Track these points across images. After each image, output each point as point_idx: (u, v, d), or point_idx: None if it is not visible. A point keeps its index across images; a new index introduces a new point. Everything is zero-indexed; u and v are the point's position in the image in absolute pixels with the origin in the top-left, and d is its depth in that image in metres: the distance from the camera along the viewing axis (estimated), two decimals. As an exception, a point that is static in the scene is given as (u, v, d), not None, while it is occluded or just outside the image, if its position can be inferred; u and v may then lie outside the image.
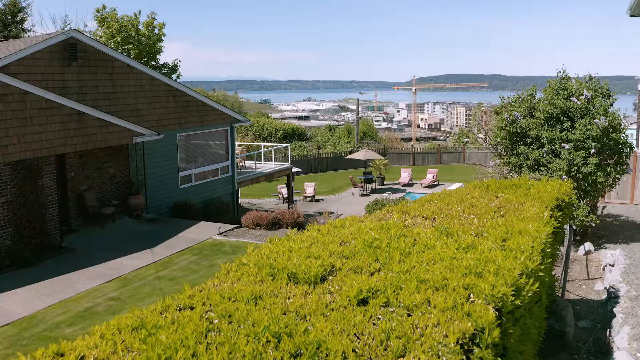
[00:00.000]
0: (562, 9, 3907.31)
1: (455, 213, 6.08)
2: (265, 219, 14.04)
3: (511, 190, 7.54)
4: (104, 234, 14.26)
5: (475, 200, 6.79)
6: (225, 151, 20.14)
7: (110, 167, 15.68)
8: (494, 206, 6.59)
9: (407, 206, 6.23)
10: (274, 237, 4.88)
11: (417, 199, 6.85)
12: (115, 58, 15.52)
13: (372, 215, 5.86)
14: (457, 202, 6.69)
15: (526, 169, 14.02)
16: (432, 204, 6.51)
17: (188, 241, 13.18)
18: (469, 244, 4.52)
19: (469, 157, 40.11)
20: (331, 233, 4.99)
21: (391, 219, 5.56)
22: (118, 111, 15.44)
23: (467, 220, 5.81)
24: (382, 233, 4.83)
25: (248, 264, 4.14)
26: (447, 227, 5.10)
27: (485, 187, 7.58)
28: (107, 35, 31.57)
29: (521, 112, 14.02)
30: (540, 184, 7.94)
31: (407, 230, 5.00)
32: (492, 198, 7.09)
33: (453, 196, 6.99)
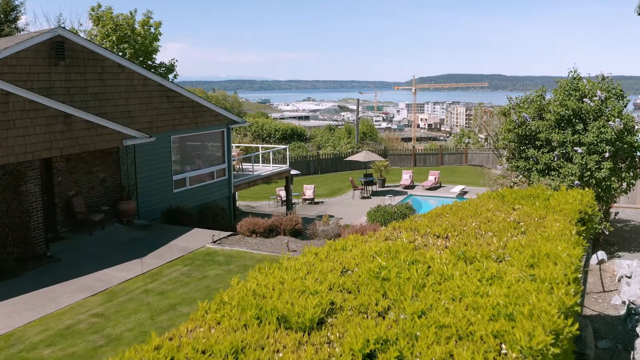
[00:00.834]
0: (562, 9, 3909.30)
1: (470, 230, 5.40)
2: (261, 226, 13.36)
3: (529, 202, 6.86)
4: (92, 241, 13.58)
5: (490, 214, 6.12)
6: (222, 153, 19.46)
7: (100, 171, 15.00)
8: (512, 221, 5.91)
9: (416, 222, 5.55)
10: (262, 265, 4.20)
11: (427, 213, 6.17)
12: (105, 57, 14.84)
13: (377, 233, 5.18)
14: (471, 215, 6.02)
15: (535, 173, 13.35)
16: (443, 218, 5.84)
17: (180, 250, 12.50)
18: (493, 274, 3.85)
19: (471, 158, 39.44)
20: (330, 258, 4.31)
21: (399, 239, 4.89)
22: (108, 112, 14.77)
23: (485, 239, 5.13)
24: (389, 259, 4.15)
25: (230, 302, 3.45)
26: (465, 249, 4.42)
27: (501, 198, 6.90)
28: (102, 34, 30.86)
29: (530, 113, 13.36)
30: (559, 194, 7.26)
31: (419, 254, 4.33)
32: (509, 211, 6.42)
33: (466, 209, 6.32)
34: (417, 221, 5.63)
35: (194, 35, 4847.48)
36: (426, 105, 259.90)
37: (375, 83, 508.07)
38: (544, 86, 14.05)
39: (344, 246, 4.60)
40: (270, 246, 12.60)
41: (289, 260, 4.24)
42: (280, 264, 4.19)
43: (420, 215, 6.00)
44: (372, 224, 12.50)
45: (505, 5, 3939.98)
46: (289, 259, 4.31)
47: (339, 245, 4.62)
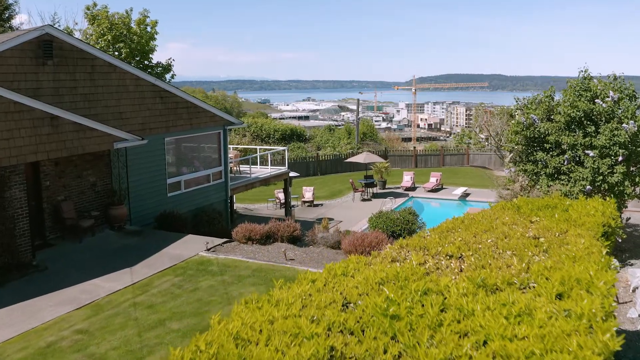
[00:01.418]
0: (562, 9, 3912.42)
1: (486, 248, 4.82)
2: (258, 233, 12.78)
3: (547, 213, 6.28)
4: (81, 248, 13.00)
5: (507, 228, 5.54)
6: (218, 155, 18.88)
7: (90, 175, 14.41)
8: (531, 237, 5.34)
9: (425, 239, 4.97)
10: (250, 298, 3.61)
11: (437, 227, 5.59)
12: (95, 56, 14.25)
13: (382, 253, 4.60)
14: (486, 230, 5.44)
15: (544, 177, 12.78)
16: (455, 234, 5.26)
17: (172, 258, 11.92)
18: (521, 310, 3.26)
19: (473, 159, 38.86)
20: (329, 287, 3.72)
21: (407, 261, 4.31)
22: (99, 114, 14.20)
23: (504, 259, 4.55)
24: (398, 289, 3.57)
25: (207, 350, 2.86)
26: (484, 276, 3.84)
27: (516, 209, 6.32)
28: (97, 34, 30.28)
29: (538, 114, 12.79)
30: (579, 204, 6.67)
31: (432, 282, 3.74)
32: (527, 224, 5.84)
33: (479, 222, 5.74)
34: (427, 238, 5.04)
35: (194, 35, 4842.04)
36: (426, 105, 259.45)
37: (375, 83, 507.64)
38: (553, 87, 13.47)
39: (345, 271, 4.02)
40: (266, 254, 12.02)
41: (281, 290, 3.66)
42: (270, 296, 3.60)
43: (430, 230, 5.43)
44: (374, 231, 11.91)
45: (505, 5, 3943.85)
46: (281, 288, 3.72)
47: (340, 269, 4.04)
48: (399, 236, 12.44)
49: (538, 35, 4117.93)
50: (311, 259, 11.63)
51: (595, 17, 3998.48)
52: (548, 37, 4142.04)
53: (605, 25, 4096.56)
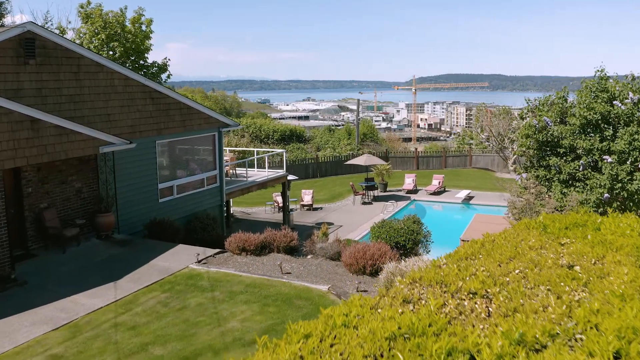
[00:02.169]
0: (562, 9, 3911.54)
1: (515, 282, 4.03)
2: (252, 243, 11.99)
3: (577, 233, 5.48)
4: (65, 260, 12.21)
5: (535, 254, 4.74)
6: (213, 159, 18.09)
7: (75, 181, 13.63)
8: (565, 265, 4.54)
9: (442, 270, 4.17)
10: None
11: (455, 253, 4.80)
12: (81, 55, 13.46)
13: (392, 291, 3.81)
14: (511, 257, 4.64)
15: (557, 183, 11.99)
16: (476, 261, 4.47)
17: (160, 272, 11.13)
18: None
19: (476, 160, 38.07)
20: (326, 345, 2.93)
21: (423, 303, 3.52)
22: (85, 116, 13.41)
23: (539, 297, 3.77)
24: (414, 348, 2.78)
25: None
26: (523, 331, 3.05)
27: (542, 229, 5.53)
28: (90, 33, 29.50)
29: (551, 117, 12.00)
30: (610, 221, 5.88)
31: (456, 337, 2.95)
32: (556, 247, 5.04)
33: (502, 246, 4.95)
34: (443, 268, 4.25)
35: (194, 35, 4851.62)
36: (426, 105, 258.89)
37: (375, 83, 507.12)
38: (566, 87, 12.68)
39: (346, 320, 3.22)
40: (261, 267, 11.23)
41: (265, 353, 2.86)
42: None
43: (446, 257, 4.63)
44: (376, 242, 11.12)
45: (505, 5, 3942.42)
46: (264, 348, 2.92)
47: (339, 317, 3.24)
48: (403, 247, 11.66)
49: (538, 35, 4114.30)
50: (309, 272, 10.84)
51: (595, 17, 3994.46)
52: (548, 37, 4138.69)
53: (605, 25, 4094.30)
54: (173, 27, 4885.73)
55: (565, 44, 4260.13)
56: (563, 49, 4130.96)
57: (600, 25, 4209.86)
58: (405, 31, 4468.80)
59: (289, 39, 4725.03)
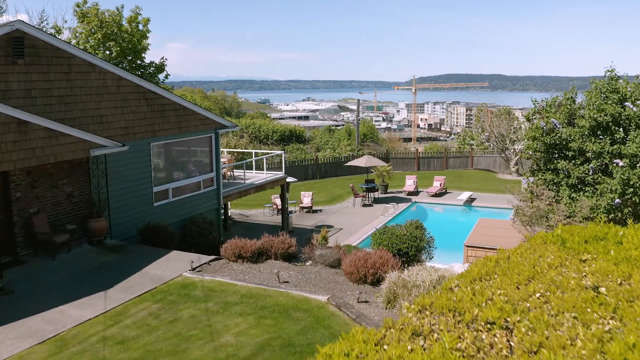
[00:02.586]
0: (562, 9, 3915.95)
1: (537, 308, 3.59)
2: (249, 250, 11.53)
3: (598, 247, 5.03)
4: (54, 267, 11.77)
5: (555, 273, 4.30)
6: (209, 161, 17.64)
7: (66, 185, 13.18)
8: (590, 287, 4.10)
9: (454, 294, 3.73)
10: None
11: (468, 272, 4.36)
12: (72, 54, 13.00)
13: (399, 322, 3.36)
14: (530, 277, 4.20)
15: (565, 187, 11.55)
16: (492, 283, 4.02)
17: (152, 280, 10.68)
18: None
19: (477, 162, 37.64)
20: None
21: (435, 337, 3.07)
22: (76, 118, 12.97)
23: (565, 329, 3.32)
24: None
25: None
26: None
27: (561, 243, 5.08)
28: (86, 32, 29.05)
29: (559, 119, 11.56)
30: (632, 233, 5.44)
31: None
32: (578, 265, 4.59)
33: (519, 264, 4.50)
34: (456, 292, 3.80)
35: (194, 35, 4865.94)
36: (426, 105, 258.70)
37: (375, 83, 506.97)
38: (574, 87, 12.23)
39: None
40: (258, 275, 10.78)
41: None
42: None
43: (459, 278, 4.19)
44: (378, 250, 10.67)
45: (505, 5, 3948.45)
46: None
47: (339, 359, 2.79)
48: (406, 254, 11.20)
49: (538, 35, 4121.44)
50: (307, 280, 10.39)
51: (595, 17, 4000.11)
52: (548, 37, 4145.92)
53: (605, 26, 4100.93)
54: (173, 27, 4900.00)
55: (565, 44, 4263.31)
56: (563, 49, 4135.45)
57: (600, 25, 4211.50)
58: (405, 31, 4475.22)
59: (289, 39, 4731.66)
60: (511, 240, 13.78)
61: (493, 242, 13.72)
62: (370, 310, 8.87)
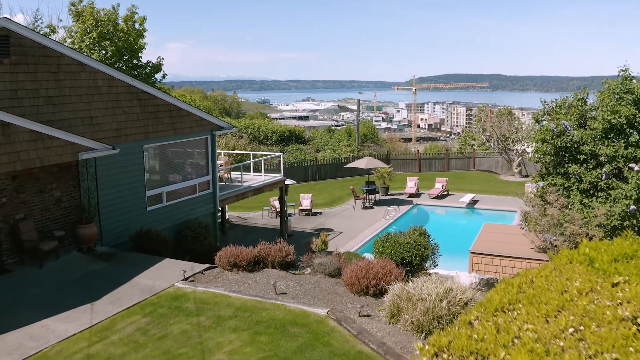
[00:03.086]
0: (562, 9, 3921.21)
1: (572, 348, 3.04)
2: (244, 258, 10.98)
3: (629, 267, 4.49)
4: (41, 276, 11.22)
5: (587, 301, 3.76)
6: (205, 163, 17.10)
7: (55, 190, 12.63)
8: (627, 318, 3.55)
9: (476, 333, 3.19)
10: None
11: (489, 301, 3.81)
12: (61, 53, 12.46)
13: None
14: (560, 307, 3.66)
15: (577, 193, 11.01)
16: (517, 315, 3.49)
17: (142, 291, 10.13)
18: None
19: (479, 163, 37.11)
20: None
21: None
22: (65, 119, 12.43)
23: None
24: None
25: None
26: None
27: (588, 263, 4.54)
28: (82, 31, 28.49)
29: (570, 120, 11.03)
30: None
31: None
32: (610, 290, 4.05)
33: (545, 289, 3.96)
34: (477, 328, 3.26)
35: (194, 35, 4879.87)
36: (426, 105, 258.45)
37: (375, 83, 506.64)
38: (586, 87, 11.69)
39: None
40: (254, 285, 10.23)
41: None
42: None
43: (478, 308, 3.64)
44: (380, 259, 10.12)
45: (505, 5, 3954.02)
46: None
47: None
48: (410, 263, 10.65)
49: (538, 35, 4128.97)
50: (306, 292, 9.83)
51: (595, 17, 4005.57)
52: (548, 37, 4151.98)
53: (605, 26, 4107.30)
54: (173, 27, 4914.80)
55: (565, 44, 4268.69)
56: (563, 49, 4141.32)
57: (600, 25, 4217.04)
58: (405, 31, 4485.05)
59: (289, 39, 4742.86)
60: (519, 247, 13.26)
61: (500, 249, 13.18)
62: (373, 325, 8.33)
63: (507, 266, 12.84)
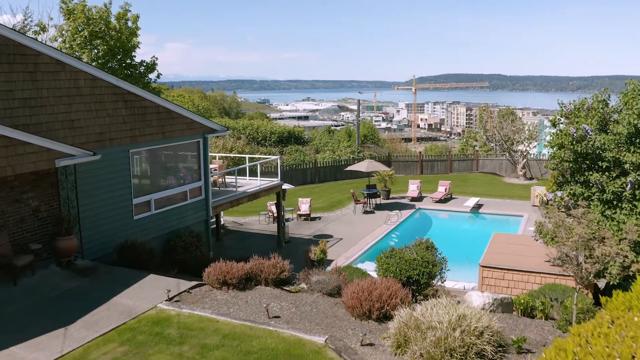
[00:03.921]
0: (562, 9, 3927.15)
1: None
2: (235, 275, 10.03)
3: None
4: (13, 295, 10.27)
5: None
6: (197, 168, 16.16)
7: (32, 199, 11.69)
8: None
9: None
10: None
11: None
12: (39, 52, 11.53)
13: None
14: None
15: (598, 204, 10.08)
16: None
17: (122, 313, 9.19)
18: None
19: (483, 165, 36.17)
20: None
21: None
22: (43, 123, 11.51)
23: None
24: None
25: None
26: None
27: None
28: (73, 30, 27.54)
29: (590, 124, 10.10)
30: None
31: None
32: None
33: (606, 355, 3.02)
34: None
35: (194, 35, 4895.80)
36: (426, 105, 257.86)
37: (374, 83, 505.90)
38: (607, 88, 10.75)
39: None
40: (244, 307, 9.29)
41: None
42: None
43: None
44: (384, 279, 9.17)
45: (506, 5, 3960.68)
46: None
47: None
48: (416, 282, 9.71)
49: (538, 35, 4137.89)
50: (302, 315, 8.89)
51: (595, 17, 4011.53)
52: (548, 37, 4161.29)
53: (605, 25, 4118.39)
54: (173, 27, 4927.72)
55: (565, 44, 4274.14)
56: (563, 49, 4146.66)
57: (600, 25, 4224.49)
58: (405, 31, 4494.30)
59: (289, 39, 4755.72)
60: (531, 259, 12.32)
61: (512, 262, 12.24)
62: (377, 357, 7.40)
63: (520, 281, 11.92)
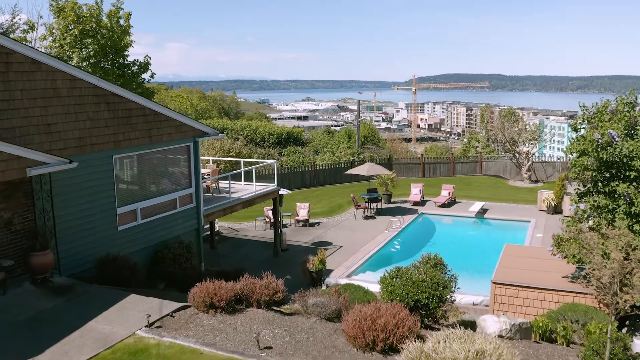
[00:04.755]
0: (562, 9, 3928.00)
1: None
2: (223, 297, 9.03)
3: None
4: (-20, 317, 9.30)
5: None
6: (187, 174, 15.18)
7: (4, 210, 10.70)
8: None
9: None
10: None
11: None
12: (12, 50, 10.55)
13: None
14: None
15: (623, 217, 9.11)
16: None
17: (96, 341, 8.20)
18: None
19: (486, 167, 35.17)
20: None
21: None
22: (16, 127, 10.53)
23: None
24: None
25: None
26: None
27: None
28: (63, 28, 26.56)
29: (617, 130, 9.14)
30: None
31: None
32: None
33: None
34: None
35: (194, 36, 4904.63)
36: (426, 105, 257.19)
37: (374, 83, 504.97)
38: (633, 90, 9.78)
39: None
40: (232, 334, 8.30)
41: None
42: None
43: None
44: (390, 304, 8.18)
45: (506, 5, 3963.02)
46: None
47: None
48: (425, 307, 8.72)
49: (538, 35, 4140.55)
50: (297, 344, 7.91)
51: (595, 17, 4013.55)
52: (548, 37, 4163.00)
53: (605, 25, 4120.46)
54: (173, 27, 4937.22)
55: (565, 44, 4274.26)
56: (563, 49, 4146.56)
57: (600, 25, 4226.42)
58: (405, 31, 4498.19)
59: (290, 39, 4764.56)
60: (549, 275, 11.36)
61: (527, 279, 11.26)
62: (382, 399, 6.42)
63: (536, 299, 10.94)
